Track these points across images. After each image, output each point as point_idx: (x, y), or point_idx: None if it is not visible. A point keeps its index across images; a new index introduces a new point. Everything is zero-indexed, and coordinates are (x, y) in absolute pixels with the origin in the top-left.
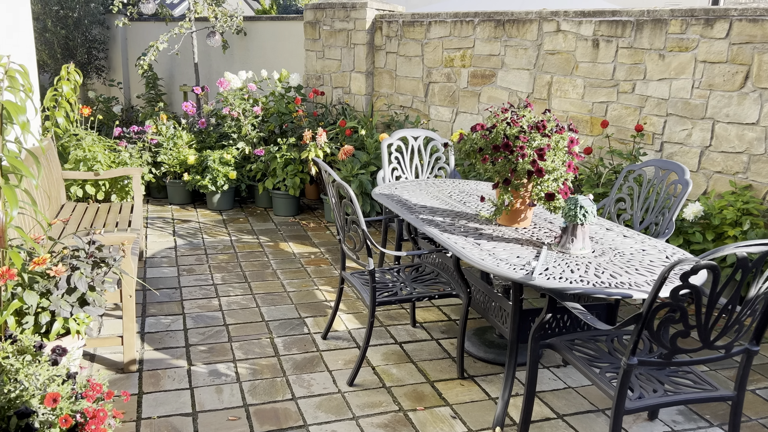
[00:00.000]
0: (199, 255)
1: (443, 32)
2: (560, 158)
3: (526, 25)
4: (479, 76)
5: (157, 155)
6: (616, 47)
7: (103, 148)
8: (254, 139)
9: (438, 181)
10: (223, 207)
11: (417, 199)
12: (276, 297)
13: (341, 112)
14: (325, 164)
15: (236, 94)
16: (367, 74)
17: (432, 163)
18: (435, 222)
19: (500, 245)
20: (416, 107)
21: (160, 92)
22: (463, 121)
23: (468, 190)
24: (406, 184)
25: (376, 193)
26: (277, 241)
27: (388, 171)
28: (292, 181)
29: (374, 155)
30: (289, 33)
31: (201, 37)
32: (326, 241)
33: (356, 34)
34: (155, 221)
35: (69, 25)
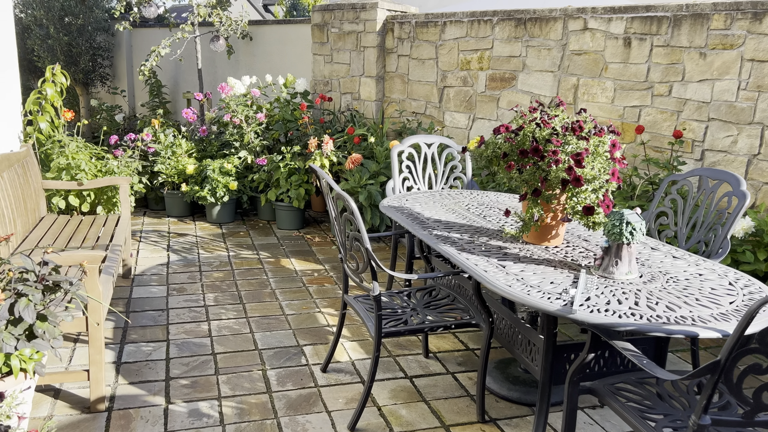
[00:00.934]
0: (193, 272)
1: (459, 33)
2: (601, 165)
3: (549, 24)
4: (498, 79)
5: (155, 164)
6: (651, 46)
7: (88, 156)
8: (257, 147)
9: (454, 192)
10: (224, 220)
11: (430, 212)
12: (273, 321)
13: (350, 119)
14: (322, 172)
15: (239, 100)
16: (377, 79)
17: (447, 172)
18: (451, 239)
19: (529, 268)
20: (430, 113)
21: (164, 100)
22: (480, 128)
23: (488, 203)
24: (418, 195)
25: (385, 205)
26: (279, 257)
27: (398, 181)
28: (297, 193)
29: (384, 164)
30: (296, 36)
31: (205, 43)
32: (331, 258)
33: (366, 37)
34: (150, 235)
35: (72, 32)
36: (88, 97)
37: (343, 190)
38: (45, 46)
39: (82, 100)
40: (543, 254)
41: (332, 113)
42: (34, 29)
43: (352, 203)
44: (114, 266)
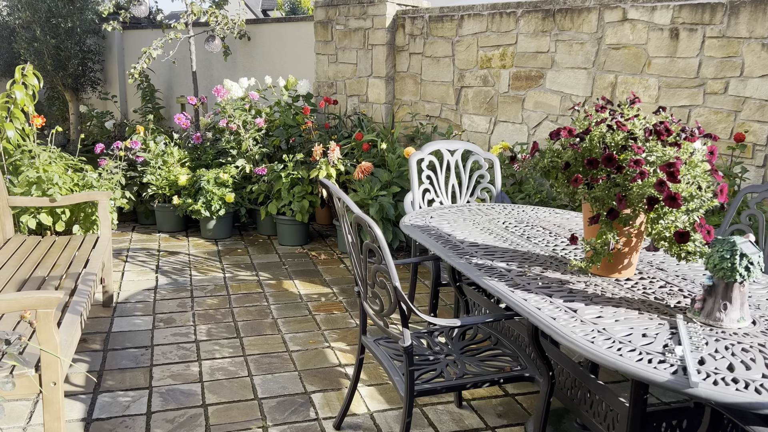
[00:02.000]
0: (184, 299)
1: (478, 27)
2: (698, 178)
3: (582, 15)
4: (523, 77)
5: (144, 175)
6: (703, 37)
7: (63, 168)
8: (256, 155)
9: (484, 207)
10: (219, 235)
11: (463, 232)
12: (275, 360)
13: (357, 124)
14: (337, 188)
15: (236, 104)
16: (387, 79)
17: (473, 183)
18: (497, 271)
19: (606, 312)
20: (445, 116)
21: (158, 105)
22: (503, 132)
23: (527, 220)
24: (443, 211)
25: (407, 224)
26: (281, 279)
27: (418, 193)
28: (300, 205)
29: (397, 173)
30: (297, 35)
31: (200, 44)
32: (340, 278)
33: (374, 34)
34: (137, 254)
35: (60, 35)
36: (78, 103)
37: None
38: (32, 50)
39: (72, 106)
40: (616, 290)
41: (338, 117)
42: (19, 32)
43: (377, 230)
44: (84, 301)
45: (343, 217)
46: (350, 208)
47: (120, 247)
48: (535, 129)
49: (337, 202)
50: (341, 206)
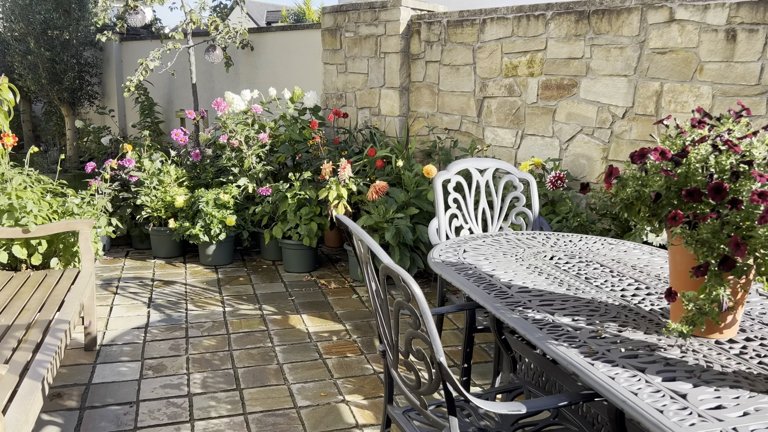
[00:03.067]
0: (177, 340)
1: (503, 32)
2: None
3: (622, 16)
4: (554, 86)
5: (138, 196)
6: (765, 39)
7: (39, 193)
8: (260, 173)
9: (524, 236)
10: (220, 261)
11: (506, 272)
12: (280, 420)
13: (369, 139)
14: (358, 229)
15: (238, 118)
16: (401, 90)
17: (506, 206)
18: (562, 329)
19: (726, 396)
20: (466, 129)
21: (157, 119)
22: (531, 146)
23: (579, 253)
24: (477, 242)
25: (437, 261)
26: (287, 313)
27: (444, 219)
28: (307, 228)
29: (414, 193)
30: (303, 44)
31: (200, 54)
32: (353, 312)
33: (387, 41)
34: (129, 284)
35: (56, 47)
36: (74, 118)
37: (366, 226)
38: (26, 63)
39: (68, 121)
40: (724, 359)
41: (348, 131)
42: (13, 44)
43: (415, 288)
44: (50, 360)
45: (367, 264)
46: (377, 255)
47: (111, 276)
48: (568, 143)
49: (358, 244)
50: (364, 251)
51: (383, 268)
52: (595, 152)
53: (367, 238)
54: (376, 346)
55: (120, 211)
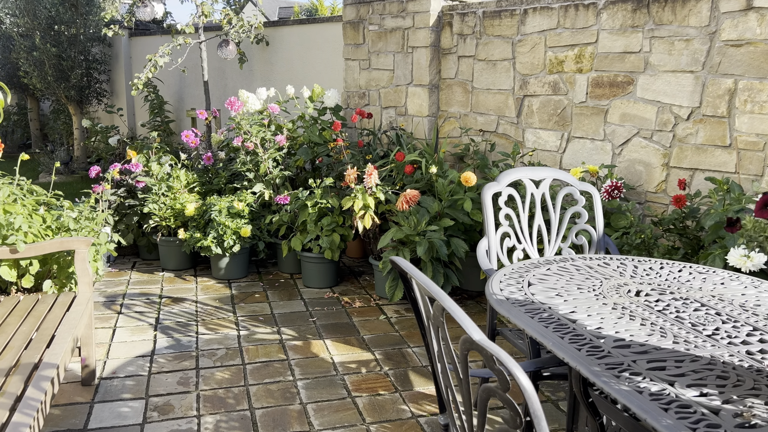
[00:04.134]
0: (187, 372)
1: (547, 23)
2: None
3: (689, 4)
4: (606, 84)
5: (145, 204)
6: None
7: (31, 207)
8: (276, 179)
9: (594, 262)
10: (233, 275)
11: (589, 315)
12: None
13: (395, 141)
14: (425, 280)
15: (253, 119)
16: (430, 88)
17: (565, 223)
18: (691, 408)
19: None
20: (503, 131)
21: (167, 119)
22: (578, 151)
23: (668, 287)
24: (541, 271)
25: (498, 297)
26: (308, 338)
27: (495, 240)
28: (329, 240)
29: (448, 202)
30: (323, 39)
31: (212, 50)
32: (382, 337)
33: (415, 34)
34: (135, 302)
35: (62, 42)
36: (82, 116)
37: (396, 240)
38: (31, 60)
39: (76, 120)
40: None
41: (372, 133)
42: (18, 40)
43: (525, 381)
44: (29, 421)
45: (438, 329)
46: (464, 326)
47: (115, 293)
48: (622, 147)
49: (424, 299)
50: (435, 311)
51: (465, 341)
52: (654, 158)
53: (440, 294)
54: (441, 424)
55: (126, 220)
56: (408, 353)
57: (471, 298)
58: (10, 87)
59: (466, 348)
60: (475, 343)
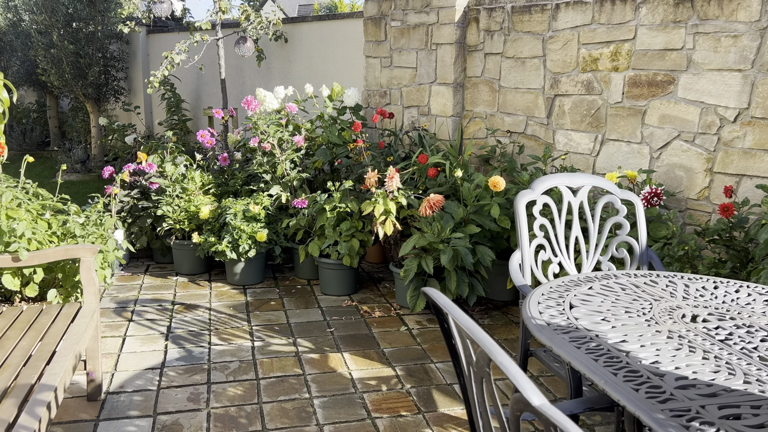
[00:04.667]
0: (198, 387)
1: (580, 19)
2: None
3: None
4: (644, 83)
5: (158, 206)
6: None
7: (36, 211)
8: (294, 181)
9: (639, 279)
10: (248, 281)
11: (641, 344)
12: None
13: (417, 142)
14: (467, 321)
15: (270, 118)
16: (455, 86)
17: (605, 234)
18: None
19: None
20: (532, 132)
21: (184, 117)
22: (613, 154)
23: (727, 311)
24: (582, 290)
25: (538, 322)
26: (325, 351)
27: (529, 252)
28: (348, 246)
29: (474, 208)
30: (343, 36)
31: (229, 47)
32: (403, 351)
33: (440, 30)
34: (147, 308)
35: (80, 40)
36: (99, 114)
37: (420, 248)
38: (49, 57)
39: (93, 118)
40: None
41: (393, 133)
42: (35, 37)
43: None
44: None
45: (482, 381)
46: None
47: (126, 298)
48: (661, 151)
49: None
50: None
51: (519, 401)
52: (696, 162)
53: (487, 342)
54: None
55: (139, 222)
56: (431, 369)
57: (497, 309)
58: (29, 85)
59: (519, 409)
60: (535, 408)
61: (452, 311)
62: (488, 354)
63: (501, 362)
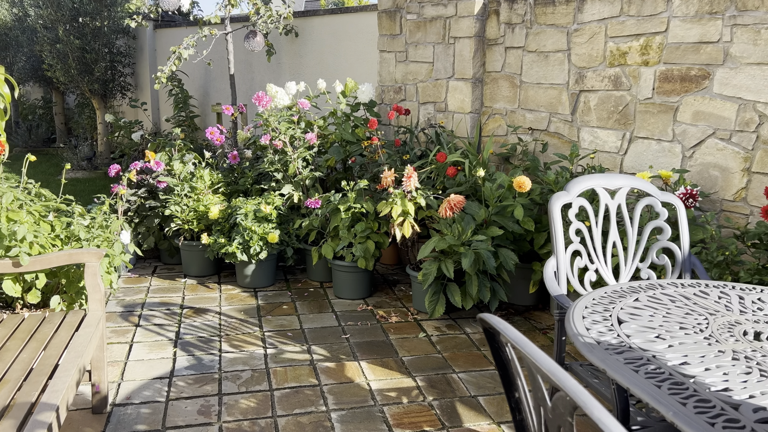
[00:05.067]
0: (208, 398)
1: (608, 11)
2: None
3: None
4: (677, 78)
5: (166, 205)
6: None
7: (38, 212)
8: (306, 180)
9: (688, 290)
10: (259, 283)
11: (705, 367)
12: None
13: (434, 139)
14: (542, 358)
15: (281, 115)
16: (473, 82)
17: (644, 239)
18: None
19: None
20: (555, 129)
21: (192, 113)
22: (642, 152)
23: None
24: (628, 301)
25: (584, 339)
26: (341, 359)
27: (565, 259)
28: (363, 248)
29: (496, 209)
30: (355, 30)
31: (238, 41)
32: (423, 359)
33: (458, 23)
34: (154, 312)
35: (86, 35)
36: (105, 110)
37: (439, 251)
38: (54, 52)
39: (99, 114)
40: None
41: (408, 130)
42: (41, 32)
43: None
44: None
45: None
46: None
47: (133, 302)
48: (694, 150)
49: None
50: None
51: None
52: (732, 162)
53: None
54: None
55: (147, 222)
56: (453, 380)
57: (518, 313)
58: (35, 80)
59: None
60: None
61: (525, 347)
62: (577, 403)
63: (599, 419)
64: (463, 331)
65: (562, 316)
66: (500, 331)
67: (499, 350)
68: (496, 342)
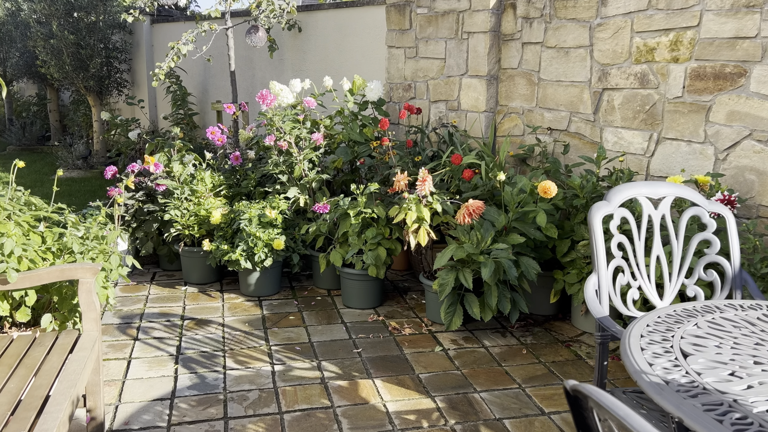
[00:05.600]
0: (213, 422)
1: (634, 4)
2: None
3: None
4: (710, 76)
5: (165, 209)
6: None
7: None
8: (313, 182)
9: (751, 313)
10: (264, 292)
11: None
12: None
13: (446, 139)
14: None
15: (286, 114)
16: (488, 79)
17: (690, 253)
18: None
19: None
20: (576, 130)
21: (190, 111)
22: (671, 155)
23: None
24: (688, 328)
25: (649, 377)
26: (354, 377)
27: (607, 276)
28: (374, 255)
29: (517, 215)
30: (362, 25)
31: (239, 37)
32: (441, 376)
33: (472, 18)
34: (153, 324)
35: (81, 30)
36: (101, 108)
37: (457, 260)
38: (48, 48)
39: (95, 112)
40: None
41: (419, 130)
42: (34, 27)
43: None
44: None
45: None
46: None
47: (131, 312)
48: (728, 152)
49: None
50: None
51: None
52: None
53: None
54: None
55: (145, 227)
56: (475, 400)
57: (538, 324)
58: (29, 77)
59: None
60: None
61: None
62: None
63: None
64: (482, 345)
65: (605, 339)
66: (608, 409)
67: (582, 413)
68: (581, 406)
